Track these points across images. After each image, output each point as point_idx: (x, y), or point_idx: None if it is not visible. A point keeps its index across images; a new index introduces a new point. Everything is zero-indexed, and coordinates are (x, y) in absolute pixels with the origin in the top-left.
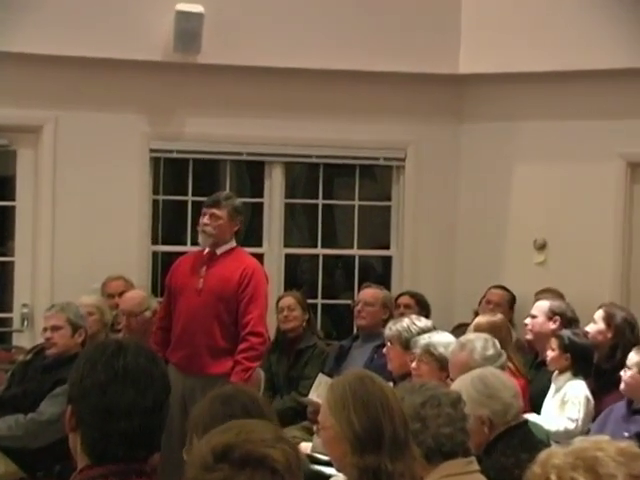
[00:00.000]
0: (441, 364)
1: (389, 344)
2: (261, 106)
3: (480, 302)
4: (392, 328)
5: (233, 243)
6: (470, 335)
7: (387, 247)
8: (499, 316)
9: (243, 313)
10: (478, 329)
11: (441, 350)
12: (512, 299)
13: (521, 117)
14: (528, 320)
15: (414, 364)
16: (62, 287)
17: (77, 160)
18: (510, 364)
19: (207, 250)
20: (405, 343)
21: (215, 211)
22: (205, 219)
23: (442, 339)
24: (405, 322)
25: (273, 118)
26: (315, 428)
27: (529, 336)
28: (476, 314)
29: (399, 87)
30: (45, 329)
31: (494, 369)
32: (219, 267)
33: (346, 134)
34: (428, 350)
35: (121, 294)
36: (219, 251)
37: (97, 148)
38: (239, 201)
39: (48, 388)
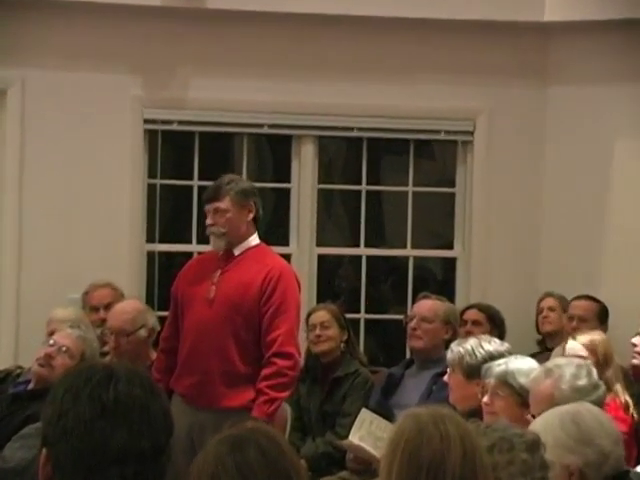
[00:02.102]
0: (522, 399)
1: (450, 370)
2: (287, 64)
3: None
4: (454, 350)
5: (255, 238)
6: (560, 359)
7: (450, 246)
8: (599, 334)
9: (267, 329)
10: (569, 353)
11: (522, 381)
12: (603, 311)
13: (623, 77)
14: (637, 339)
15: (486, 398)
16: (31, 296)
17: (50, 132)
18: (618, 396)
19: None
20: (468, 370)
21: (217, 205)
22: (209, 219)
23: (523, 366)
24: (470, 343)
25: (303, 80)
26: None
27: (636, 361)
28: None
29: (466, 39)
30: (51, 344)
31: (591, 406)
32: (236, 270)
33: (397, 99)
34: (505, 380)
35: (108, 306)
36: (237, 251)
37: (76, 117)
38: (246, 182)
39: (16, 426)
